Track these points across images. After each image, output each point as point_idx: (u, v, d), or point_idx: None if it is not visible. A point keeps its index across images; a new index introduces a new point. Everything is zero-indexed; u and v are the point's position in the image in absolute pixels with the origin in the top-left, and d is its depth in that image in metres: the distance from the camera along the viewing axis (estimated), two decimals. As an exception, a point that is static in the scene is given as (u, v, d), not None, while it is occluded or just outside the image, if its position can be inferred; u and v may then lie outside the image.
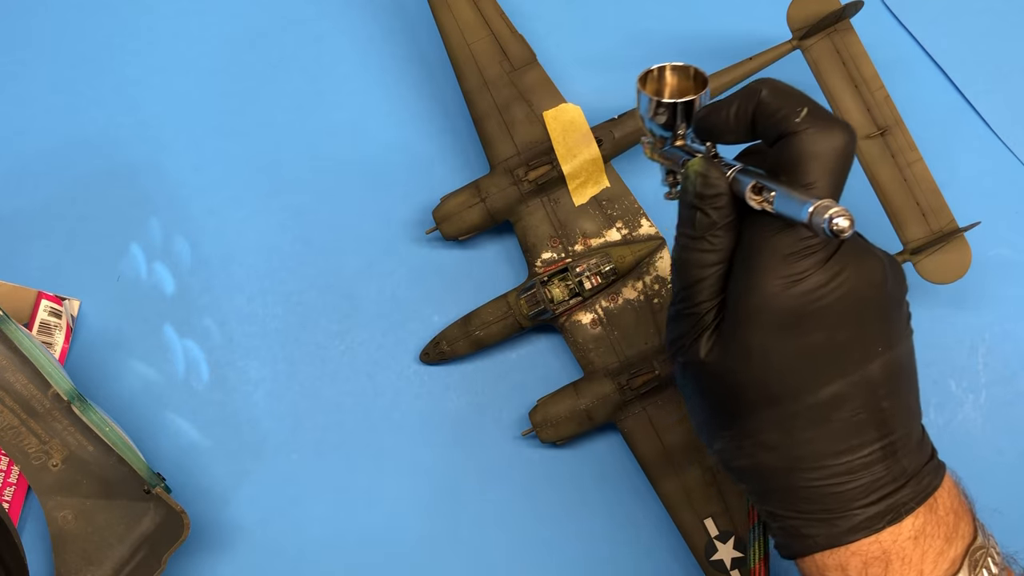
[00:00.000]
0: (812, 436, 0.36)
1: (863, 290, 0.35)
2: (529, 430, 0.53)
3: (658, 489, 0.53)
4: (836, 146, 0.34)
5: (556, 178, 0.54)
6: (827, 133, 0.34)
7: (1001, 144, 0.57)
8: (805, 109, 0.35)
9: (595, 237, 0.54)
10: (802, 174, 0.34)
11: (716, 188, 0.36)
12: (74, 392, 0.51)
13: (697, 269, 0.37)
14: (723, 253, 0.37)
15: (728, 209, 0.36)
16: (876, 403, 0.36)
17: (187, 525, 0.51)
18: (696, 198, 0.37)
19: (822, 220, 0.31)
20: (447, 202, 0.54)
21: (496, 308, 0.54)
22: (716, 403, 0.38)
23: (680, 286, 0.38)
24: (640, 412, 0.53)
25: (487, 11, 0.55)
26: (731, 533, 0.52)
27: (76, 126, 0.58)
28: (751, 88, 0.36)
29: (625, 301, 0.54)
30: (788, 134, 0.35)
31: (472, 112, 0.55)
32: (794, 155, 0.34)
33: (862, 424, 0.36)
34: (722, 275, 0.37)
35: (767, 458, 0.37)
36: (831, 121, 0.35)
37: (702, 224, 0.37)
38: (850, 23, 0.54)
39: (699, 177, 0.36)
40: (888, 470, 0.36)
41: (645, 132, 0.42)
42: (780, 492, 0.38)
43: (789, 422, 0.36)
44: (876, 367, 0.36)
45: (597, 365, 0.54)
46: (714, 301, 0.37)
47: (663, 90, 0.40)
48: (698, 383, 0.39)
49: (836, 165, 0.34)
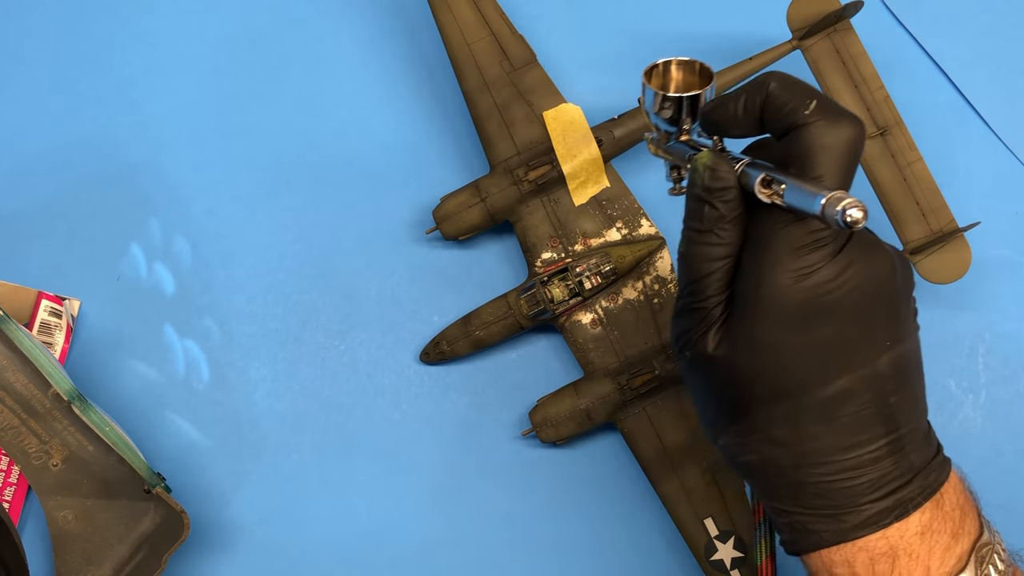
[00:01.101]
0: (820, 431, 0.36)
1: (872, 284, 0.35)
2: (529, 430, 0.53)
3: (658, 489, 0.53)
4: (845, 138, 0.34)
5: (556, 178, 0.54)
6: (836, 125, 0.34)
7: (1001, 144, 0.57)
8: (814, 101, 0.34)
9: (595, 237, 0.54)
10: (811, 166, 0.34)
11: (725, 181, 0.36)
12: (74, 392, 0.51)
13: (705, 263, 0.37)
14: (731, 247, 0.37)
15: (736, 202, 0.36)
16: (884, 398, 0.36)
17: (187, 525, 0.51)
18: (704, 191, 0.36)
19: (835, 211, 0.30)
20: (447, 202, 0.54)
21: (496, 308, 0.54)
22: (723, 398, 0.38)
23: (687, 280, 0.38)
24: (640, 412, 0.53)
25: (487, 11, 0.55)
26: (731, 533, 0.52)
27: (76, 126, 0.58)
28: (759, 81, 0.36)
29: (625, 301, 0.54)
30: (797, 127, 0.34)
31: (472, 112, 0.55)
32: (803, 148, 0.34)
33: (870, 419, 0.36)
34: (729, 269, 0.37)
35: (774, 453, 0.37)
36: (840, 113, 0.34)
37: (710, 217, 0.37)
38: (850, 23, 0.54)
39: (707, 170, 0.36)
40: (896, 465, 0.36)
41: (650, 127, 0.41)
42: (787, 488, 0.38)
43: (797, 417, 0.36)
44: (884, 362, 0.36)
45: (597, 365, 0.54)
46: (722, 295, 0.37)
47: (668, 85, 0.40)
48: (705, 378, 0.38)
49: (846, 157, 0.34)
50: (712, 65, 0.40)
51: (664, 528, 0.54)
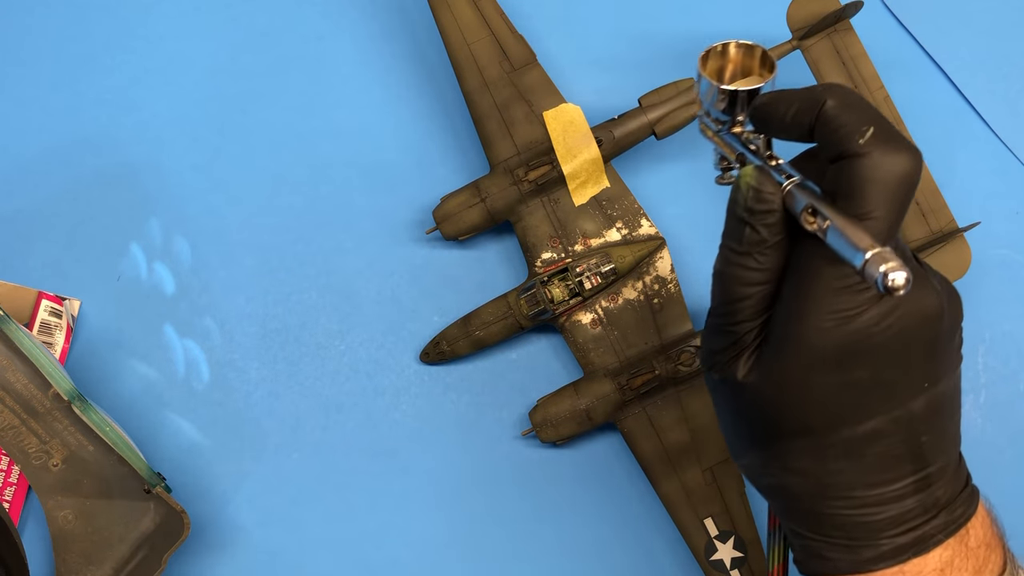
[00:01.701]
0: (844, 467, 0.35)
1: (916, 328, 0.33)
2: (529, 430, 0.53)
3: (658, 489, 0.53)
4: (900, 172, 0.31)
5: (556, 178, 0.54)
6: (891, 157, 0.31)
7: (1001, 144, 0.57)
8: (870, 130, 0.32)
9: (595, 237, 0.54)
10: (859, 201, 0.31)
11: (768, 204, 0.33)
12: (74, 392, 0.51)
13: (740, 287, 0.35)
14: (770, 273, 0.34)
15: (779, 226, 0.34)
16: (915, 438, 0.34)
17: (187, 525, 0.51)
18: (746, 212, 0.34)
19: (876, 272, 0.28)
20: (447, 202, 0.54)
21: (496, 308, 0.54)
22: (748, 422, 0.37)
23: (720, 300, 0.36)
24: (640, 412, 0.53)
25: (487, 11, 0.55)
26: (731, 533, 0.52)
27: (76, 126, 0.58)
28: (815, 94, 0.33)
29: (625, 301, 0.54)
30: (848, 155, 0.32)
31: (472, 112, 0.55)
32: (853, 180, 0.32)
33: (898, 458, 0.34)
34: (767, 295, 0.35)
35: (795, 482, 0.36)
36: (897, 143, 0.32)
37: (750, 240, 0.34)
38: (850, 23, 0.54)
39: (751, 190, 0.34)
40: (920, 502, 0.35)
41: (702, 112, 0.38)
42: (804, 514, 0.36)
43: (822, 452, 0.35)
44: (919, 403, 0.34)
45: (597, 365, 0.54)
46: (756, 321, 0.35)
47: (725, 68, 0.36)
48: (732, 401, 0.37)
49: (898, 193, 0.31)
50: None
51: (664, 528, 0.54)
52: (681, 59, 0.57)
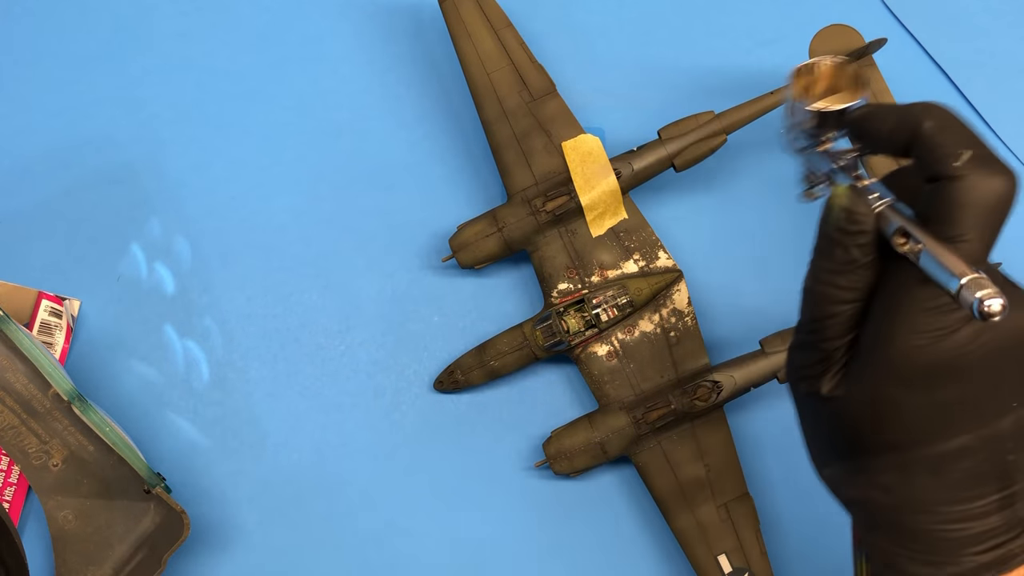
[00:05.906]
0: (928, 483, 0.35)
1: (1008, 347, 0.33)
2: (542, 462, 0.53)
3: (672, 524, 0.52)
4: (994, 196, 0.31)
5: (574, 209, 0.53)
6: (987, 180, 0.31)
7: (1001, 144, 0.57)
8: (967, 154, 0.31)
9: (612, 268, 0.54)
10: (953, 224, 0.31)
11: (861, 225, 0.33)
12: (74, 392, 0.51)
13: (829, 305, 0.35)
14: (860, 292, 0.34)
15: (871, 247, 0.33)
16: (1002, 456, 0.34)
17: (187, 525, 0.51)
18: (838, 232, 0.34)
19: (971, 298, 0.28)
20: (464, 231, 0.54)
21: (511, 338, 0.53)
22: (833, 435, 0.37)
23: (809, 317, 0.36)
24: (655, 446, 0.52)
25: (508, 41, 0.55)
26: (744, 570, 0.51)
27: (76, 126, 0.58)
28: (913, 114, 0.33)
29: (641, 334, 0.53)
30: (944, 177, 0.32)
31: (491, 141, 0.55)
32: (947, 202, 0.31)
33: (983, 476, 0.34)
34: (856, 313, 0.35)
35: (878, 495, 0.36)
36: (993, 167, 0.31)
37: (841, 260, 0.34)
38: (872, 59, 0.53)
39: (843, 212, 0.33)
40: (1004, 520, 0.35)
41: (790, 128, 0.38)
42: (887, 527, 0.36)
43: (907, 468, 0.35)
44: (1007, 422, 0.34)
45: (612, 398, 0.53)
46: (844, 338, 0.35)
47: (814, 86, 0.36)
48: (816, 414, 0.37)
49: (992, 217, 0.31)
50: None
51: (677, 563, 0.53)
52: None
